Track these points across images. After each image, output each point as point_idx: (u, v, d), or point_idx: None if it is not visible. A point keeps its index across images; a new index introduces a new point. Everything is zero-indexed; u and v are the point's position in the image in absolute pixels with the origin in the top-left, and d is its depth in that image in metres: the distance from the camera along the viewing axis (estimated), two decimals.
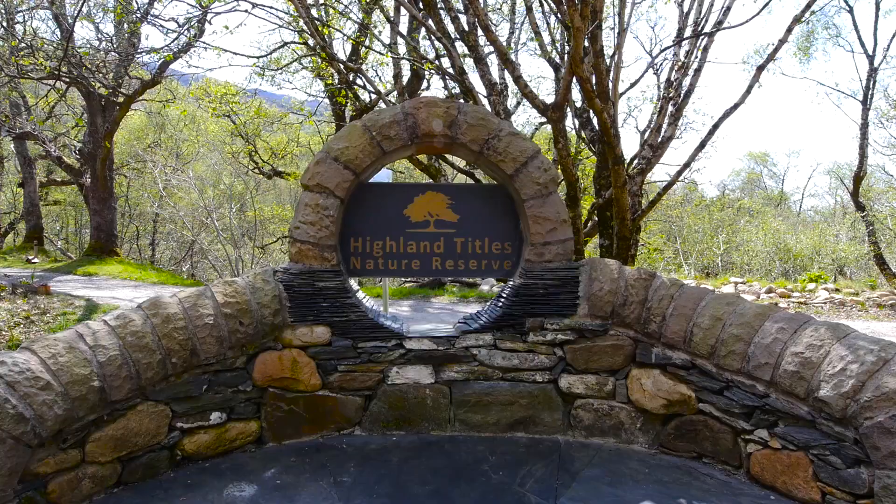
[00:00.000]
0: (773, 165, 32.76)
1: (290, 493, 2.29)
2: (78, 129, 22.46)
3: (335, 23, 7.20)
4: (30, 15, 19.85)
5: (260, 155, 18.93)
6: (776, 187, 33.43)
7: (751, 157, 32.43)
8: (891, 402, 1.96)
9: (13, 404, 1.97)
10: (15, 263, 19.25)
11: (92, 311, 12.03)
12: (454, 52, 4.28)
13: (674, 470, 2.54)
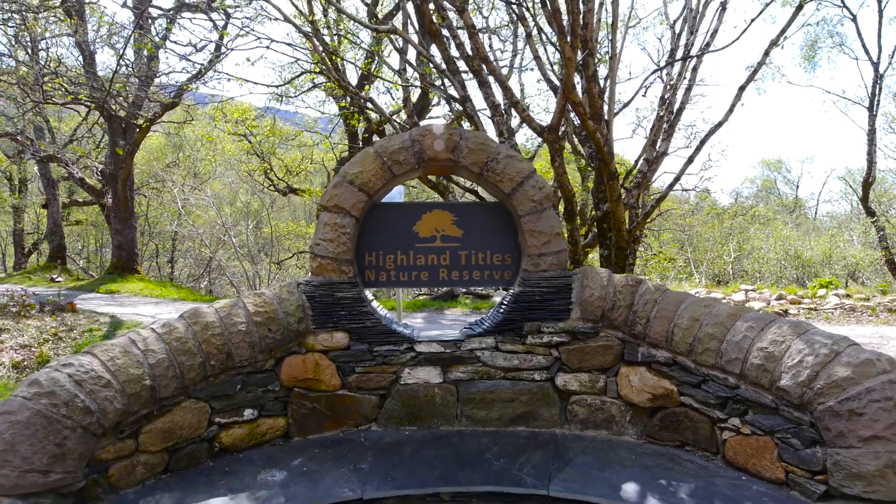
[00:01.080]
0: (787, 172, 32.71)
1: (315, 478, 2.62)
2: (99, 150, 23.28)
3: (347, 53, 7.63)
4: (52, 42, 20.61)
5: (275, 172, 19.41)
6: (791, 194, 33.34)
7: (764, 165, 32.46)
8: (840, 389, 2.25)
9: (81, 399, 2.34)
10: (39, 283, 19.95)
11: (116, 327, 12.54)
12: (455, 84, 4.65)
13: (658, 457, 2.83)
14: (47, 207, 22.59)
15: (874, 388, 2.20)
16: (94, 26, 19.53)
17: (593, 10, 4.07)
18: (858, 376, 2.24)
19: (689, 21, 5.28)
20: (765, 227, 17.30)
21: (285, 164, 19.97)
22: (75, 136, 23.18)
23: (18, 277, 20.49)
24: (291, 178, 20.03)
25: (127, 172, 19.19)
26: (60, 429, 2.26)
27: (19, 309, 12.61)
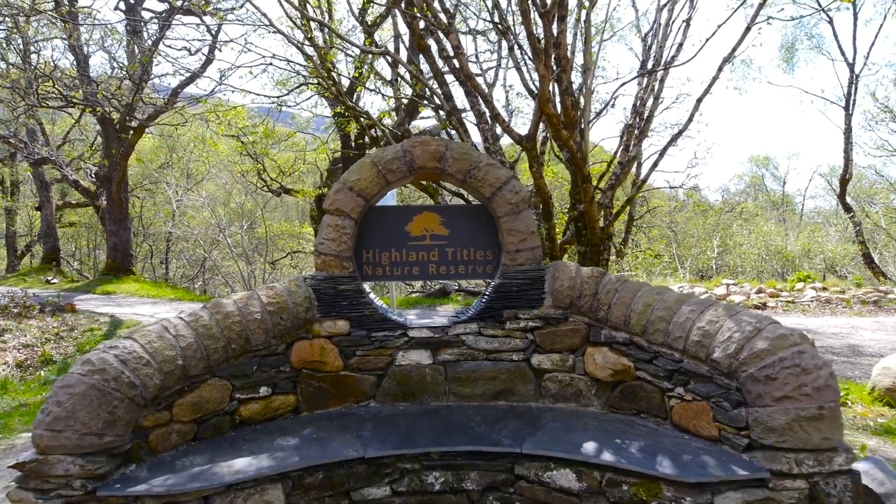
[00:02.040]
0: (775, 168, 33.45)
1: (323, 443, 3.10)
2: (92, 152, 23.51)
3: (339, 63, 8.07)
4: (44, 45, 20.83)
5: (268, 173, 19.70)
6: (780, 190, 34.09)
7: (752, 161, 33.20)
8: (759, 359, 2.75)
9: (127, 375, 2.80)
10: (35, 284, 20.27)
11: (116, 326, 13.00)
12: (442, 99, 5.12)
13: (617, 423, 3.32)
14: (41, 209, 22.88)
15: (786, 357, 2.70)
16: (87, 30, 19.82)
17: (566, 31, 4.56)
18: (774, 348, 2.74)
19: (658, 35, 5.77)
20: (747, 223, 17.91)
21: (278, 165, 20.32)
22: (68, 139, 23.46)
23: (13, 279, 20.79)
24: (284, 178, 20.37)
25: (121, 174, 19.54)
26: (111, 399, 2.72)
27: (20, 310, 13.03)
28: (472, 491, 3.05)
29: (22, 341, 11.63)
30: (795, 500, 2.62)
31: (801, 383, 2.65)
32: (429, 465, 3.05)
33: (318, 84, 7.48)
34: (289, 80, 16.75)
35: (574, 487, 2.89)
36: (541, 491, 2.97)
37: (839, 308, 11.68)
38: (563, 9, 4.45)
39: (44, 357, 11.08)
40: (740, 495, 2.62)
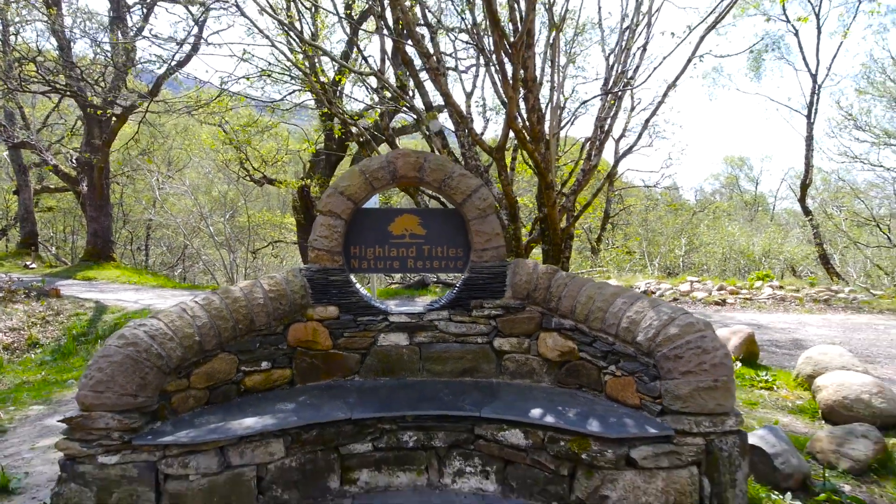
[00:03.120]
0: (749, 169, 34.68)
1: (316, 407, 3.75)
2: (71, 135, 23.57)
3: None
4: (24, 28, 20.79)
5: (251, 162, 20.01)
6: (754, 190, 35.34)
7: (727, 162, 34.38)
8: (671, 342, 3.47)
9: (155, 348, 3.43)
10: (13, 269, 20.45)
11: (102, 311, 13.50)
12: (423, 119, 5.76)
13: (562, 395, 4.04)
14: (18, 193, 22.92)
15: (691, 340, 3.42)
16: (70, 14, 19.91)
17: (532, 57, 5.22)
18: (683, 333, 3.46)
19: (619, 57, 6.46)
20: (715, 222, 18.89)
21: (261, 155, 20.67)
22: (48, 123, 23.50)
23: None
24: (267, 168, 20.73)
25: (103, 161, 19.74)
26: (143, 367, 3.34)
27: (5, 294, 13.44)
28: (440, 448, 3.74)
29: (8, 325, 12.04)
30: (694, 453, 3.36)
31: (701, 361, 3.37)
32: (404, 426, 3.73)
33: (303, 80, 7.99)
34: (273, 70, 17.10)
35: (522, 444, 3.60)
36: (495, 447, 3.67)
37: (792, 306, 12.62)
38: (531, 37, 5.11)
39: (30, 340, 11.52)
40: (651, 449, 3.34)
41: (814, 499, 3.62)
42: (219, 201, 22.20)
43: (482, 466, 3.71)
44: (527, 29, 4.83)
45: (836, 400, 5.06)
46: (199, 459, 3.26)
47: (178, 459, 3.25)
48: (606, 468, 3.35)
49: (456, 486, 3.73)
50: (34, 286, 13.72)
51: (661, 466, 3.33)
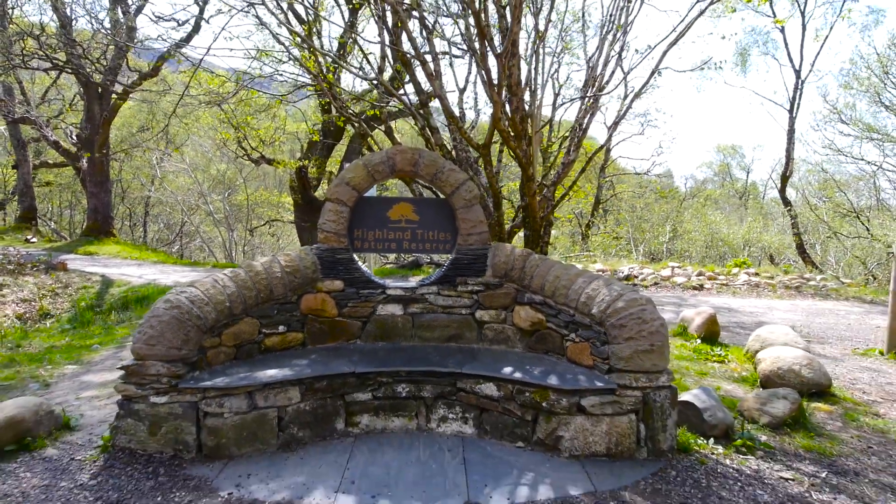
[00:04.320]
0: (742, 158, 35.47)
1: (325, 363, 4.58)
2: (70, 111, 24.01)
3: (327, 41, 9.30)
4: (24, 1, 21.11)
5: (249, 142, 20.55)
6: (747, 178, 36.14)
7: (719, 150, 35.17)
8: (617, 314, 4.30)
9: (195, 310, 4.23)
10: (14, 243, 21.12)
11: (108, 285, 14.31)
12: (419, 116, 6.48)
13: (532, 358, 4.88)
14: (17, 168, 23.46)
15: (633, 312, 4.26)
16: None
17: (517, 64, 5.96)
18: (627, 306, 4.30)
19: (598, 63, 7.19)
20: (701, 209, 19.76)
21: (258, 135, 21.23)
22: (47, 98, 23.94)
23: None
24: (264, 147, 21.32)
25: (104, 138, 20.36)
26: (186, 325, 4.15)
27: (15, 266, 14.23)
28: (427, 398, 4.59)
29: (20, 296, 12.83)
30: (633, 403, 4.21)
31: (641, 329, 4.21)
32: (398, 379, 4.56)
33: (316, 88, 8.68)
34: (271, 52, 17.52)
35: (495, 395, 4.44)
36: (473, 398, 4.51)
37: (765, 291, 13.53)
38: (515, 47, 5.84)
39: (41, 311, 12.32)
40: (598, 398, 4.19)
41: (732, 443, 4.50)
42: (217, 179, 22.82)
43: (462, 413, 4.56)
44: (511, 40, 5.56)
45: (772, 370, 5.93)
46: (232, 401, 4.09)
47: (215, 400, 4.07)
48: (562, 414, 4.20)
49: (440, 430, 4.58)
50: (41, 260, 14.44)
51: (606, 413, 4.19)
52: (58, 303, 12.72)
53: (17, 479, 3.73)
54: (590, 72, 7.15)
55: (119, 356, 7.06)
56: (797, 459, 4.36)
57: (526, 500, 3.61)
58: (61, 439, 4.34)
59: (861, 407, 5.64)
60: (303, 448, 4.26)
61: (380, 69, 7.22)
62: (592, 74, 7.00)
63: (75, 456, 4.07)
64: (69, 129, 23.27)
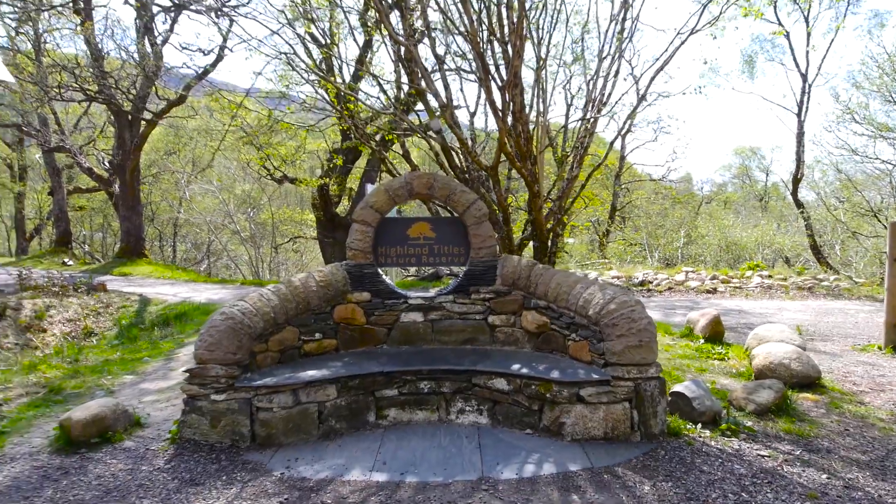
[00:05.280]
0: (762, 159, 35.64)
1: (357, 364, 5.33)
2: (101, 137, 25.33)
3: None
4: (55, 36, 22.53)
5: (271, 162, 21.58)
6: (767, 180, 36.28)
7: (738, 153, 35.37)
8: (610, 314, 4.98)
9: (246, 321, 5.02)
10: (52, 266, 22.41)
11: (146, 303, 15.34)
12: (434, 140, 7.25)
13: (538, 357, 5.57)
14: (53, 195, 24.86)
15: (624, 313, 4.94)
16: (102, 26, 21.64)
17: (521, 91, 6.68)
18: (619, 307, 4.98)
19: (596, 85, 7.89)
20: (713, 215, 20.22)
21: (280, 155, 22.27)
22: (79, 126, 25.36)
23: (30, 261, 22.86)
24: (286, 167, 22.34)
25: (134, 163, 21.58)
26: (240, 334, 4.94)
27: (59, 289, 15.36)
28: (447, 393, 5.30)
29: (65, 316, 13.89)
30: (626, 392, 4.88)
31: (630, 327, 4.89)
32: (421, 377, 5.29)
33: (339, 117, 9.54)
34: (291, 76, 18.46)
35: (505, 389, 5.14)
36: (486, 392, 5.22)
37: (778, 293, 13.98)
38: (517, 78, 6.58)
39: (86, 330, 13.33)
40: (595, 389, 4.87)
41: (718, 428, 5.13)
42: (241, 199, 23.91)
43: (477, 406, 5.27)
44: (513, 72, 6.31)
45: (764, 365, 6.53)
46: (280, 397, 4.86)
47: (265, 397, 4.85)
48: (564, 403, 4.89)
49: (459, 421, 5.29)
50: (83, 282, 15.50)
51: (602, 402, 4.87)
52: (100, 322, 13.72)
53: (106, 464, 4.54)
54: (589, 94, 7.85)
55: (168, 367, 7.91)
56: (776, 440, 4.98)
57: (532, 475, 4.30)
58: (135, 434, 5.16)
59: (847, 396, 6.21)
60: (340, 437, 5.00)
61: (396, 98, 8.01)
62: (591, 97, 7.72)
63: (149, 447, 4.88)
64: (101, 155, 24.60)
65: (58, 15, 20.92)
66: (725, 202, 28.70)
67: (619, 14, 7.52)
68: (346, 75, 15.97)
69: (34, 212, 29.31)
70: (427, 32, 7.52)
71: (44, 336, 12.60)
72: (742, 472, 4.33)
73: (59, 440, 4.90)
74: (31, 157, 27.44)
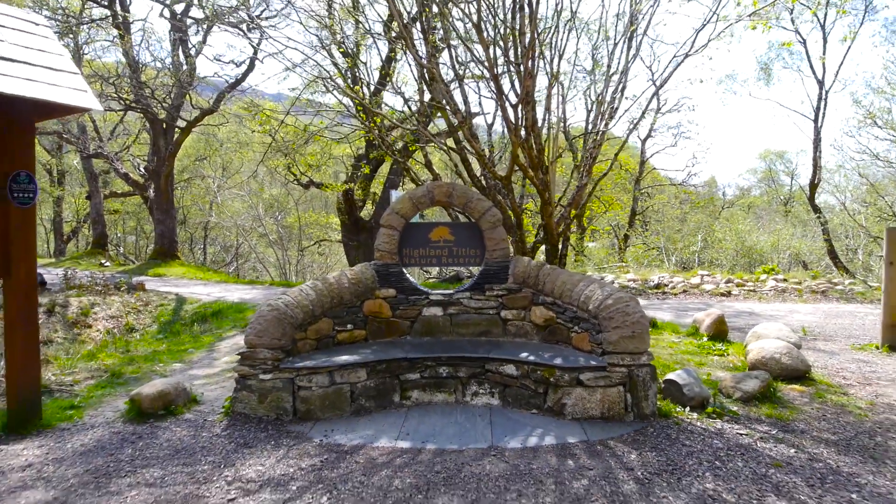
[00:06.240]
0: (789, 163, 35.75)
1: (385, 351, 6.14)
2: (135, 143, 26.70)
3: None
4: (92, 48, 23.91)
5: (298, 167, 22.62)
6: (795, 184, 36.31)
7: (762, 157, 35.52)
8: (608, 309, 5.72)
9: (289, 312, 5.87)
10: (90, 267, 23.73)
11: (182, 302, 16.44)
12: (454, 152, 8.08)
13: (544, 346, 6.33)
14: (90, 199, 26.28)
15: (619, 307, 5.67)
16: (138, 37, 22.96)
17: (533, 107, 7.44)
18: (615, 303, 5.71)
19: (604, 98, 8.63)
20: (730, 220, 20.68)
21: (307, 161, 23.31)
22: (115, 133, 26.79)
23: (69, 262, 24.27)
24: (312, 172, 23.37)
25: (169, 169, 22.80)
26: (284, 323, 5.80)
27: (102, 288, 16.56)
28: (463, 377, 6.09)
29: (108, 313, 15.00)
30: (620, 377, 5.61)
31: (625, 320, 5.62)
32: (440, 363, 6.09)
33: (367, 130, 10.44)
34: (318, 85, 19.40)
35: (514, 374, 5.91)
36: (497, 377, 6.00)
37: (791, 296, 14.47)
38: (529, 97, 7.36)
39: (127, 326, 14.42)
40: (593, 374, 5.60)
41: (705, 411, 5.82)
42: (269, 203, 25.04)
43: (490, 389, 6.05)
44: (525, 92, 7.09)
45: (756, 359, 7.18)
46: (318, 378, 5.70)
47: (305, 377, 5.69)
48: (565, 386, 5.64)
49: (473, 402, 6.07)
50: (123, 282, 16.66)
51: (599, 385, 5.60)
52: (140, 318, 14.80)
53: (172, 431, 5.43)
54: (597, 108, 8.58)
55: (212, 357, 8.84)
56: (756, 423, 5.66)
57: (534, 444, 5.07)
58: (193, 409, 6.05)
59: (833, 388, 6.83)
60: (369, 414, 5.83)
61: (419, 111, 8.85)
62: (600, 110, 8.45)
63: (206, 418, 5.76)
64: (136, 161, 25.95)
65: (97, 28, 22.33)
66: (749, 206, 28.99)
67: (626, 33, 8.25)
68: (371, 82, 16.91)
69: (71, 215, 30.87)
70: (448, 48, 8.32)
71: (89, 332, 13.69)
72: (719, 446, 5.03)
73: (130, 412, 5.82)
74: (69, 162, 28.98)
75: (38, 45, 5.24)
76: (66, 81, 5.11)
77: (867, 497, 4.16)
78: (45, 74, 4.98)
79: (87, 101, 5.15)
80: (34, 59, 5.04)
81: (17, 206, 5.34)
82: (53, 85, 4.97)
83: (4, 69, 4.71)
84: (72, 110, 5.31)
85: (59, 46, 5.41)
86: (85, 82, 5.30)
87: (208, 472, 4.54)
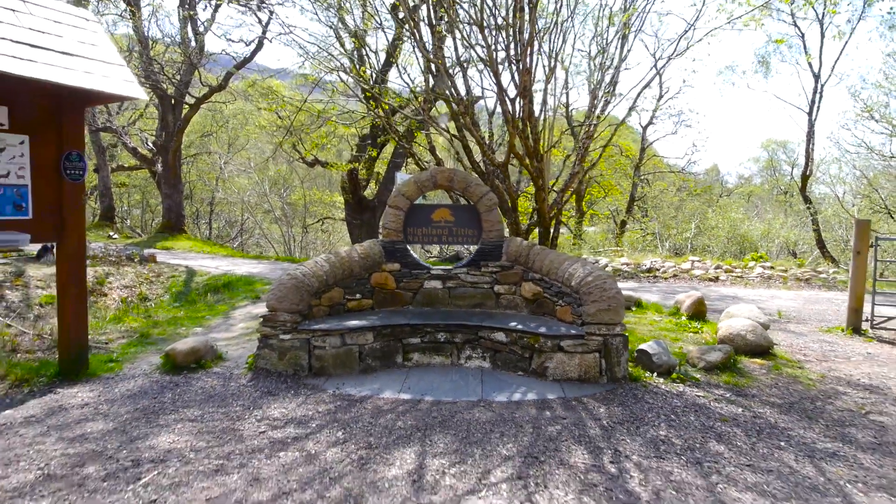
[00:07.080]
0: (792, 153, 36.36)
1: (389, 318, 7.01)
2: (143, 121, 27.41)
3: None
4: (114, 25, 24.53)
5: (303, 145, 23.30)
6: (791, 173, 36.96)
7: (764, 147, 36.14)
8: (587, 284, 6.57)
9: (306, 281, 6.74)
10: (99, 239, 24.57)
11: (192, 274, 17.35)
12: (456, 139, 8.85)
13: (532, 317, 7.19)
14: (98, 172, 27.02)
15: (598, 283, 6.52)
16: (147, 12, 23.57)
17: (531, 99, 8.22)
18: (594, 280, 6.56)
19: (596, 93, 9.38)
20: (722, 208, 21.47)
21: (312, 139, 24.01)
22: (123, 107, 27.44)
23: None
24: (318, 151, 24.07)
25: (177, 145, 23.54)
26: (301, 290, 6.66)
27: (116, 259, 17.46)
28: (458, 343, 6.97)
29: (122, 283, 15.88)
30: (596, 345, 6.48)
31: (602, 295, 6.48)
32: (438, 330, 6.96)
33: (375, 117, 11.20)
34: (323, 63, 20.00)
35: (504, 340, 6.79)
36: (489, 343, 6.87)
37: (776, 283, 15.33)
38: (528, 91, 8.13)
39: (141, 295, 15.31)
40: (572, 342, 6.47)
41: (670, 377, 6.71)
42: (274, 180, 25.82)
43: (482, 353, 6.93)
44: (523, 86, 7.86)
45: (725, 335, 8.05)
46: (331, 339, 6.58)
47: (320, 338, 6.57)
48: (547, 352, 6.51)
49: (467, 365, 6.96)
50: (135, 253, 17.52)
51: (577, 351, 6.48)
52: (153, 289, 15.67)
53: (204, 381, 6.32)
54: (591, 101, 9.34)
55: (228, 323, 9.73)
56: (714, 388, 6.54)
57: (518, 399, 5.96)
58: (220, 364, 6.95)
59: (791, 363, 7.71)
60: (375, 372, 6.72)
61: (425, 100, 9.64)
62: (593, 103, 9.21)
63: (233, 372, 6.66)
64: (143, 136, 26.67)
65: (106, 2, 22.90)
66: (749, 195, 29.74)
67: (619, 32, 9.00)
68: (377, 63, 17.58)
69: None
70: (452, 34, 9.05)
71: (105, 300, 14.59)
72: (677, 404, 5.92)
73: (165, 365, 6.71)
74: None
75: (91, 39, 6.03)
76: (117, 73, 5.91)
77: (793, 445, 5.05)
78: (99, 67, 5.78)
79: (135, 92, 5.96)
80: (89, 53, 5.84)
81: (70, 181, 6.17)
82: (106, 77, 5.77)
83: (67, 63, 5.51)
84: (120, 98, 6.11)
85: (109, 41, 6.20)
86: (132, 73, 6.09)
87: (240, 412, 5.44)
